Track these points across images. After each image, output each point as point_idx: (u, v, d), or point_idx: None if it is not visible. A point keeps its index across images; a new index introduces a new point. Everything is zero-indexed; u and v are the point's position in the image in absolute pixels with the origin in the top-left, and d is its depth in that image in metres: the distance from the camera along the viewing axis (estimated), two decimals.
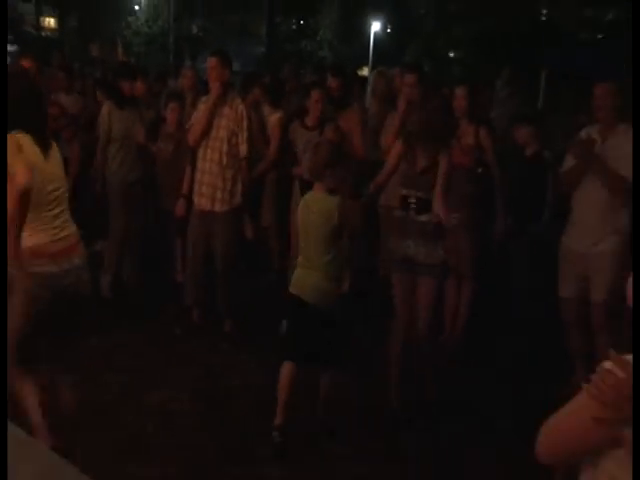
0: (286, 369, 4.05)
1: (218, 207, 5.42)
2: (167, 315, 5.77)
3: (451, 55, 33.15)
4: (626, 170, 4.29)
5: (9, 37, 26.29)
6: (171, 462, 3.86)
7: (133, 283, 6.25)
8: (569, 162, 4.74)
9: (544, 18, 32.01)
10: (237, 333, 5.55)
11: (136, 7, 36.21)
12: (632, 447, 1.45)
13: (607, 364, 1.52)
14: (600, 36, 28.67)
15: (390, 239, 4.63)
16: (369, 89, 6.52)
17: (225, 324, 5.63)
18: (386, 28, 37.43)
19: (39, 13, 36.47)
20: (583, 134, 4.69)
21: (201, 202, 5.47)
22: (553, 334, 5.05)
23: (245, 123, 5.37)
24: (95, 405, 4.22)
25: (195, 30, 36.53)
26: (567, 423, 1.58)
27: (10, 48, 19.29)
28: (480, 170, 5.50)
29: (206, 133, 5.35)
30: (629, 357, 1.51)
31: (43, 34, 34.77)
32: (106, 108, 6.14)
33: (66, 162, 5.14)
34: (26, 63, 5.09)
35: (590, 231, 4.64)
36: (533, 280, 5.55)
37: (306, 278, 4.07)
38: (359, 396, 4.66)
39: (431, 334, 4.54)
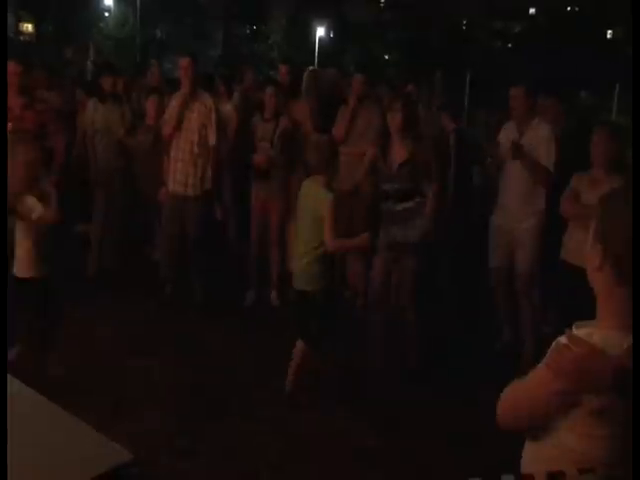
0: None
1: (191, 191, 5.36)
2: (144, 289, 5.64)
3: (386, 57, 33.25)
4: (544, 159, 4.51)
5: None
6: (154, 418, 3.79)
7: (114, 261, 6.09)
8: (497, 156, 4.83)
9: (464, 28, 32.44)
10: (206, 304, 5.47)
11: (106, 13, 35.39)
12: (589, 410, 1.45)
13: (563, 340, 1.50)
14: (509, 45, 29.38)
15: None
16: (303, 87, 6.49)
17: (196, 295, 5.54)
18: (329, 33, 37.31)
19: (18, 19, 35.46)
20: (503, 134, 4.77)
21: (175, 187, 5.39)
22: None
23: (213, 116, 5.33)
24: (82, 370, 4.12)
25: (159, 34, 35.85)
26: (528, 393, 1.57)
27: None
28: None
29: (178, 126, 5.26)
30: (581, 332, 1.50)
31: (22, 38, 33.75)
32: (91, 103, 6.05)
33: (52, 152, 5.05)
34: (13, 64, 4.90)
35: (514, 212, 4.74)
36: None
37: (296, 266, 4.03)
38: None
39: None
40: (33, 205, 3.68)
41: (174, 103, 5.33)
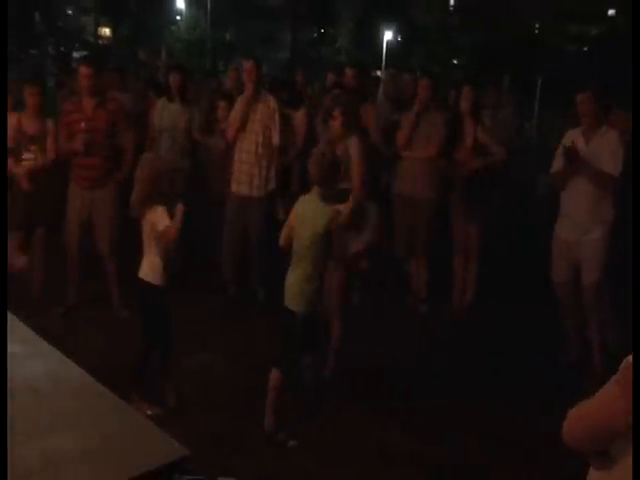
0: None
1: (255, 192, 5.40)
2: (208, 289, 5.69)
3: (455, 62, 32.80)
4: (610, 167, 4.32)
5: (75, 45, 26.55)
6: (210, 419, 3.82)
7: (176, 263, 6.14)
8: (557, 164, 4.64)
9: (537, 32, 31.70)
10: (269, 304, 5.48)
11: (178, 17, 36.27)
12: None
13: (632, 358, 1.42)
14: (585, 49, 28.50)
15: None
16: (381, 88, 6.46)
17: (258, 295, 5.57)
18: (397, 37, 37.11)
19: (97, 24, 36.78)
20: (567, 140, 4.59)
21: (239, 188, 5.45)
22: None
23: (277, 117, 5.37)
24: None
25: (228, 37, 36.44)
26: (596, 411, 1.48)
27: (76, 54, 19.42)
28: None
29: (242, 128, 5.32)
30: None
31: (100, 42, 34.97)
32: (160, 103, 6.19)
33: (122, 151, 5.17)
34: (85, 68, 5.05)
35: (580, 223, 4.54)
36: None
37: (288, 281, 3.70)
38: None
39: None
40: (162, 217, 3.70)
41: (238, 106, 5.39)
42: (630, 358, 1.41)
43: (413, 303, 5.65)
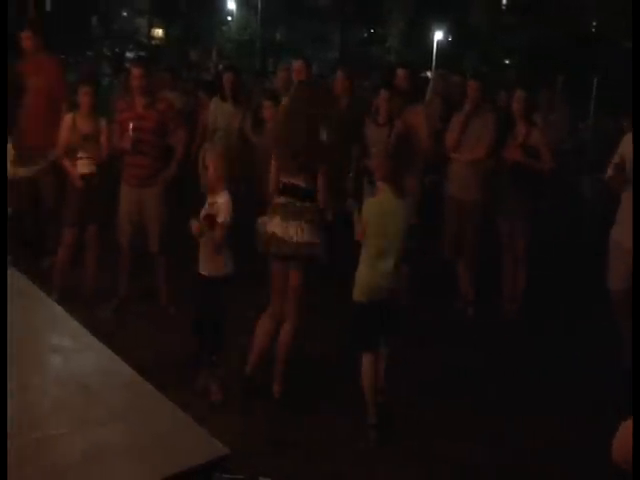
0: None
1: None
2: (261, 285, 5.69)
3: (506, 62, 32.25)
4: None
5: (129, 46, 27.16)
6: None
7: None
8: (611, 171, 4.52)
9: (593, 30, 30.86)
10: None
11: (229, 18, 36.67)
12: None
13: None
14: None
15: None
16: (430, 87, 6.40)
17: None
18: (448, 37, 36.71)
19: (150, 25, 37.51)
20: (624, 145, 4.44)
21: None
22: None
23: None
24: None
25: (278, 37, 36.65)
26: None
27: (129, 55, 19.87)
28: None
29: None
30: None
31: (153, 42, 35.65)
32: (213, 102, 6.26)
33: (171, 150, 5.24)
34: (136, 68, 5.15)
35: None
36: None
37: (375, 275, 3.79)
38: None
39: None
40: (225, 209, 3.85)
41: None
42: None
43: (461, 305, 5.58)
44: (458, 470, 3.47)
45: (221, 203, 3.89)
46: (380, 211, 3.78)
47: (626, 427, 1.43)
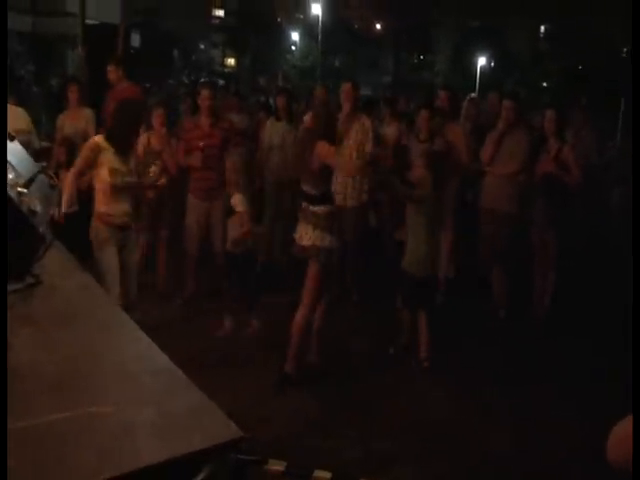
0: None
1: (349, 203, 5.38)
2: None
3: (544, 85, 31.56)
4: None
5: (203, 74, 27.79)
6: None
7: (283, 261, 6.22)
8: None
9: (624, 55, 29.97)
10: (362, 302, 5.47)
11: (293, 47, 37.11)
12: None
13: None
14: None
15: None
16: (463, 112, 6.33)
17: (353, 295, 5.56)
18: (490, 62, 36.19)
19: (224, 56, 38.34)
20: None
21: (336, 198, 5.42)
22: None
23: (371, 135, 5.31)
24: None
25: (337, 64, 36.87)
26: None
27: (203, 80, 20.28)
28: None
29: (339, 143, 5.28)
30: None
31: (226, 70, 36.41)
32: (269, 122, 6.31)
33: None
34: (205, 90, 5.24)
35: None
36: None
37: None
38: None
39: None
40: (240, 202, 4.36)
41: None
42: None
43: (494, 309, 5.45)
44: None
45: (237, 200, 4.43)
46: None
47: (620, 426, 1.35)
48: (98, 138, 3.88)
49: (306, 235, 3.95)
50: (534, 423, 3.76)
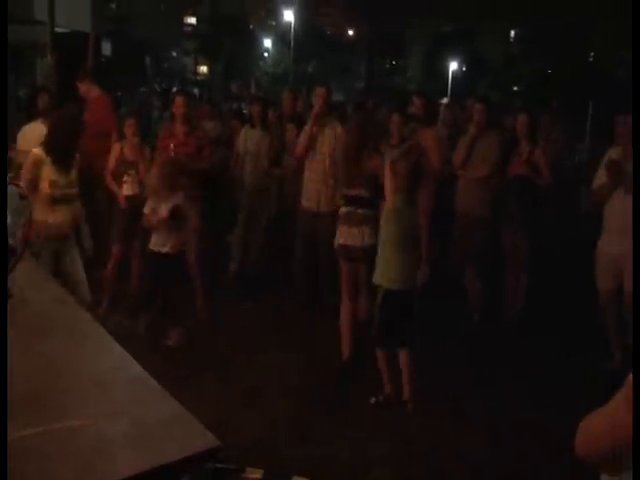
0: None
1: (322, 208, 5.38)
2: (281, 294, 5.74)
3: (515, 89, 32.08)
4: None
5: (175, 81, 27.65)
6: (281, 408, 3.84)
7: (256, 268, 6.24)
8: (599, 180, 4.46)
9: (591, 59, 30.74)
10: (335, 309, 5.47)
11: (265, 54, 37.15)
12: None
13: None
14: None
15: None
16: (440, 118, 6.41)
17: (326, 302, 5.57)
18: (462, 67, 36.64)
19: (196, 63, 38.23)
20: (611, 155, 4.41)
21: (309, 204, 5.45)
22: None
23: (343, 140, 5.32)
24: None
25: (309, 70, 36.98)
26: (607, 424, 1.34)
27: (175, 89, 20.19)
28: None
29: (312, 147, 5.31)
30: None
31: (198, 78, 36.29)
32: (243, 130, 6.26)
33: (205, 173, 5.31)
34: (180, 98, 5.23)
35: (623, 237, 4.28)
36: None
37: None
38: None
39: None
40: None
41: (306, 127, 5.41)
42: None
43: (468, 312, 5.51)
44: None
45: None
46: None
47: (586, 421, 1.39)
48: (37, 150, 3.89)
49: (355, 236, 4.27)
50: (508, 424, 3.81)
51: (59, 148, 3.89)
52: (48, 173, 3.87)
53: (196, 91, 18.77)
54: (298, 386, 4.12)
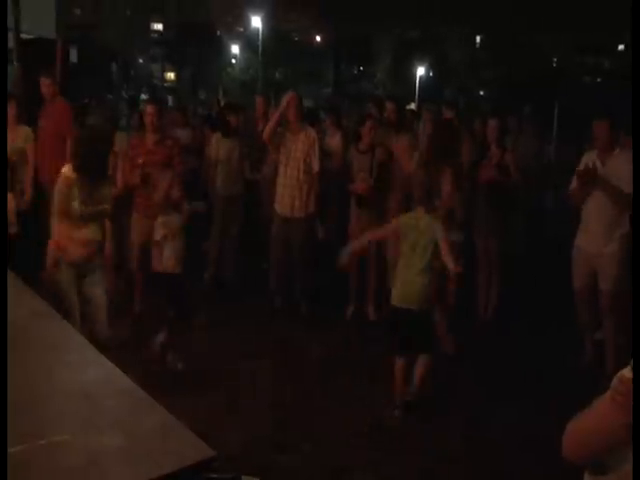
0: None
1: (296, 213, 5.41)
2: (256, 300, 5.72)
3: (481, 93, 32.61)
4: (627, 186, 4.11)
5: (143, 87, 27.29)
6: (262, 417, 3.83)
7: (230, 276, 6.20)
8: (575, 183, 4.56)
9: (554, 65, 31.45)
10: (310, 315, 5.48)
11: (233, 60, 37.03)
12: None
13: (627, 373, 1.31)
14: (599, 80, 28.27)
15: None
16: (421, 128, 6.50)
17: (301, 307, 5.58)
18: (429, 72, 37.06)
19: (163, 69, 37.89)
20: (585, 161, 4.51)
21: (282, 210, 5.46)
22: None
23: (316, 146, 5.38)
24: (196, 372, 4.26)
25: (277, 76, 36.99)
26: (593, 424, 1.38)
27: (143, 96, 20.00)
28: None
29: (286, 154, 5.31)
30: None
31: (166, 84, 35.96)
32: (214, 138, 6.20)
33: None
34: (150, 106, 5.18)
35: (600, 236, 4.47)
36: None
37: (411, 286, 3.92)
38: None
39: None
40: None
41: (274, 112, 5.43)
42: (625, 372, 1.33)
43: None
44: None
45: None
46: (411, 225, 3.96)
47: (573, 422, 1.42)
48: (67, 171, 3.73)
49: None
50: (485, 423, 3.86)
51: (90, 167, 3.71)
52: (79, 192, 3.70)
53: (170, 98, 18.55)
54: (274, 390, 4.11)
